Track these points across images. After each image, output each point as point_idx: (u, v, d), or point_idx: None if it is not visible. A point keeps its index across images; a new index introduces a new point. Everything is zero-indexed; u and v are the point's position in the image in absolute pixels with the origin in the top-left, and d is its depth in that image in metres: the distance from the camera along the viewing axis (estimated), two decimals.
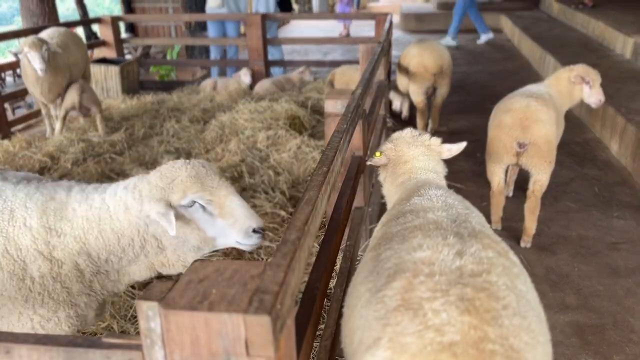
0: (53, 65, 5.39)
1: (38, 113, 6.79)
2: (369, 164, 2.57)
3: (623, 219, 4.21)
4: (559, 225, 4.15)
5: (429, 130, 5.99)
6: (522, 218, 3.86)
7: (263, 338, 0.95)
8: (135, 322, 2.99)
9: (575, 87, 3.99)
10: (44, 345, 1.13)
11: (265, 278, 1.05)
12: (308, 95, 7.00)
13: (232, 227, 2.11)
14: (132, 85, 7.86)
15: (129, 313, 3.06)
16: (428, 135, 2.44)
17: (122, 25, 10.85)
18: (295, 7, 16.39)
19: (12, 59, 6.76)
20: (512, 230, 4.03)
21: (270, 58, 8.46)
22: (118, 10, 15.24)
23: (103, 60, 7.92)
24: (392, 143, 2.42)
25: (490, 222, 4.00)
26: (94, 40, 9.94)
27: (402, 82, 6.04)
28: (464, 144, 2.44)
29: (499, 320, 1.20)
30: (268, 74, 8.22)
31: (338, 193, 2.64)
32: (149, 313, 1.01)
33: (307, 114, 6.20)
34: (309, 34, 13.89)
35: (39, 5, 8.37)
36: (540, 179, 3.66)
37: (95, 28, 11.85)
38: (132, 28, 12.79)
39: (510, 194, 4.59)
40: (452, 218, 1.64)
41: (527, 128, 3.52)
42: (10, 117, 7.16)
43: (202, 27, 10.35)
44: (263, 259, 3.51)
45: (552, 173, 3.67)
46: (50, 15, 8.49)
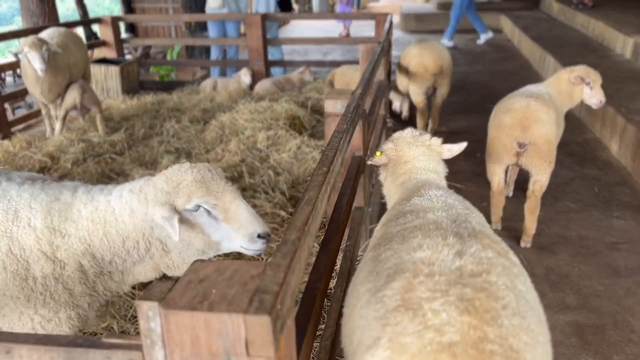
0: (53, 66, 5.39)
1: (38, 113, 6.79)
2: (370, 164, 2.57)
3: (623, 219, 4.21)
4: (559, 225, 4.15)
5: (429, 131, 5.98)
6: (522, 218, 3.86)
7: (263, 338, 0.96)
8: (135, 322, 2.99)
9: (576, 88, 3.99)
10: (44, 346, 1.13)
11: (266, 278, 1.05)
12: (308, 96, 7.00)
13: (236, 232, 2.11)
14: (132, 86, 7.86)
15: (129, 313, 3.06)
16: (429, 135, 2.44)
17: (122, 26, 10.86)
18: (295, 7, 16.39)
19: (12, 59, 6.78)
20: (512, 230, 4.03)
21: (270, 58, 8.46)
22: (118, 11, 15.24)
23: (103, 61, 7.92)
24: (392, 143, 2.42)
25: (490, 222, 4.00)
26: (94, 41, 9.94)
27: (402, 82, 6.04)
28: (465, 144, 2.43)
29: (499, 321, 1.20)
30: (268, 74, 8.22)
31: (338, 193, 2.64)
32: (149, 313, 1.01)
33: (307, 114, 6.20)
34: (309, 34, 13.89)
35: (39, 5, 8.37)
36: (540, 179, 3.66)
37: (95, 28, 11.86)
38: (132, 28, 12.79)
39: (510, 194, 4.59)
40: (452, 218, 1.64)
41: (527, 128, 3.52)
42: (11, 117, 7.16)
43: (202, 27, 10.36)
44: (263, 259, 3.52)
45: (552, 173, 3.67)
46: (50, 16, 8.49)
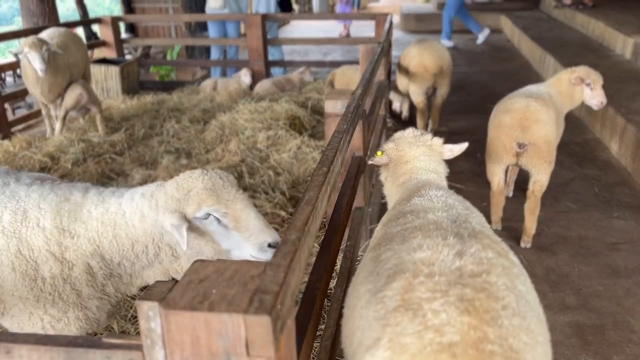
0: (53, 66, 5.39)
1: (38, 113, 6.79)
2: (370, 163, 2.57)
3: (623, 219, 4.21)
4: (559, 226, 4.15)
5: (429, 131, 5.98)
6: (522, 218, 3.86)
7: (263, 338, 0.96)
8: (136, 322, 2.99)
9: (576, 88, 3.98)
10: (44, 346, 1.13)
11: (266, 278, 1.05)
12: (308, 96, 7.00)
13: (247, 240, 2.08)
14: (132, 86, 7.86)
15: (129, 313, 3.06)
16: (430, 136, 2.43)
17: (122, 26, 10.86)
18: (296, 7, 16.40)
19: (12, 59, 6.77)
20: (512, 231, 4.03)
21: (271, 58, 8.46)
22: (118, 11, 15.24)
23: (103, 61, 7.92)
24: (394, 142, 2.42)
25: (490, 222, 4.00)
26: (94, 41, 9.94)
27: (402, 82, 6.04)
28: (466, 145, 2.43)
29: (499, 321, 1.20)
30: (268, 74, 8.22)
31: (338, 193, 2.64)
32: (150, 313, 1.01)
33: (307, 114, 6.20)
34: (309, 34, 13.89)
35: (39, 6, 8.37)
36: (540, 179, 3.66)
37: (96, 28, 11.86)
38: (132, 28, 12.80)
39: (510, 194, 4.59)
40: (452, 218, 1.64)
41: (526, 128, 3.52)
42: (11, 117, 7.16)
43: (202, 27, 10.36)
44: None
45: (552, 173, 3.67)
46: (50, 16, 8.49)
